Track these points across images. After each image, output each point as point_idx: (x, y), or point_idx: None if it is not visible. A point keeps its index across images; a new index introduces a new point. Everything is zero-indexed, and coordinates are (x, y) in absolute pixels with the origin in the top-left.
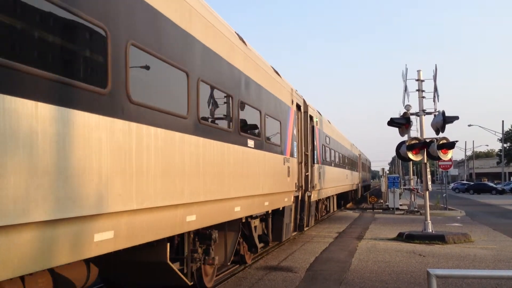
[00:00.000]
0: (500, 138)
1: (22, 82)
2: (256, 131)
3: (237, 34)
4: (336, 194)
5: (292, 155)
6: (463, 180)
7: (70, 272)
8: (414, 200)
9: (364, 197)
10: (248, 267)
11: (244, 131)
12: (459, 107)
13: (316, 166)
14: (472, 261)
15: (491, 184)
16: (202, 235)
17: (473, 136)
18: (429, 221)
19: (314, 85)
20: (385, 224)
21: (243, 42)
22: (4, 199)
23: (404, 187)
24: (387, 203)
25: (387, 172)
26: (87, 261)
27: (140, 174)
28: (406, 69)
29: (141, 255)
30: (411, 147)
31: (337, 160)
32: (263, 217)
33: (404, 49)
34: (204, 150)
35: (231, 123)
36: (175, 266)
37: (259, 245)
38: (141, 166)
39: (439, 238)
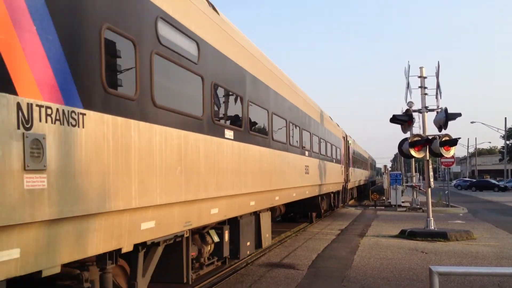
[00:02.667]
0: (502, 135)
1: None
2: (329, 152)
3: (315, 103)
4: (356, 186)
5: (341, 163)
6: (465, 177)
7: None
8: (416, 197)
9: (367, 193)
10: (250, 264)
11: (326, 154)
12: (461, 104)
13: (350, 168)
14: (475, 258)
15: (494, 181)
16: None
17: (476, 133)
18: (431, 218)
19: (314, 82)
20: (387, 221)
21: (324, 113)
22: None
23: (406, 184)
24: (389, 200)
25: (389, 169)
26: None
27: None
28: (409, 66)
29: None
30: (413, 144)
31: (358, 164)
32: (331, 194)
33: (408, 47)
34: (310, 162)
35: (326, 151)
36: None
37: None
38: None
39: (441, 235)
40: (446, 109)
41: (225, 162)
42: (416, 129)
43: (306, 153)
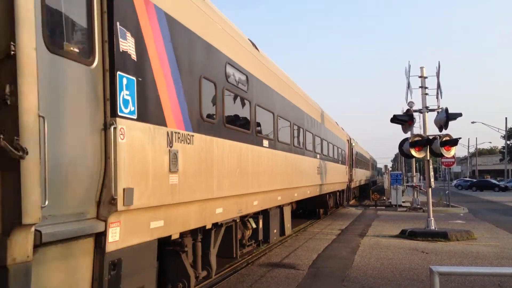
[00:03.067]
0: (503, 135)
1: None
2: (336, 155)
3: (322, 109)
4: (358, 186)
5: (346, 164)
6: (466, 177)
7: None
8: (417, 197)
9: (368, 192)
10: (250, 264)
11: (333, 156)
12: (462, 104)
13: (353, 169)
14: (475, 258)
15: (494, 181)
16: (332, 193)
17: (476, 133)
18: (432, 218)
19: (315, 81)
20: (388, 221)
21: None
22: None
23: (407, 184)
24: (389, 200)
25: (390, 169)
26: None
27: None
28: (409, 66)
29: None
30: (414, 144)
31: (360, 165)
32: (337, 193)
33: (408, 46)
34: (324, 164)
35: (333, 153)
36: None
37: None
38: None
39: (441, 235)
40: (446, 109)
41: (263, 165)
42: (417, 129)
43: (318, 156)
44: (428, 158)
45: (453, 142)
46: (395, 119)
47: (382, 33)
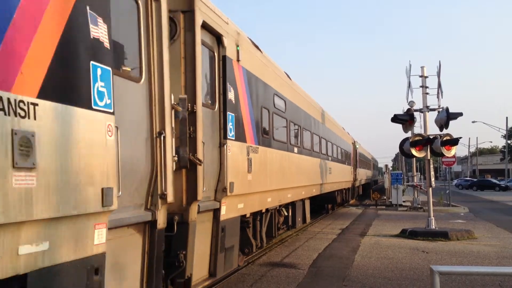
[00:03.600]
0: (504, 135)
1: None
2: (344, 157)
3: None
4: (362, 184)
5: (351, 165)
6: (466, 177)
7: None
8: (417, 196)
9: (368, 192)
10: (251, 264)
11: (341, 158)
12: (463, 103)
13: (357, 169)
14: (476, 258)
15: (495, 181)
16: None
17: (477, 132)
18: (432, 218)
19: (317, 80)
20: (388, 221)
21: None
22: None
23: (407, 183)
24: (390, 200)
25: (390, 168)
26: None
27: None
28: (410, 65)
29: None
30: (414, 144)
31: (363, 165)
32: (343, 190)
33: (407, 46)
34: (334, 166)
35: (341, 156)
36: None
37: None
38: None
39: (442, 235)
40: (447, 109)
41: (293, 167)
42: (417, 128)
43: (329, 158)
44: (429, 158)
45: (454, 141)
46: (395, 119)
47: (384, 31)
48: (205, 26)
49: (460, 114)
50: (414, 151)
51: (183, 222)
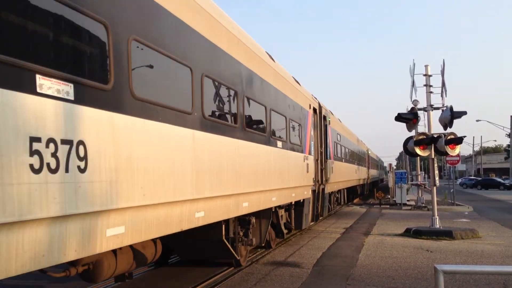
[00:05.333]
0: (508, 133)
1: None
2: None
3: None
4: (371, 181)
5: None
6: (470, 176)
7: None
8: (422, 195)
9: (371, 192)
10: (255, 263)
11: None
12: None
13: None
14: (480, 257)
15: (499, 180)
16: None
17: (481, 131)
18: (437, 217)
19: (319, 79)
20: (392, 220)
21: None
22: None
23: (412, 182)
24: (394, 199)
25: (394, 167)
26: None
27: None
28: (414, 64)
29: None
30: (418, 143)
31: (372, 166)
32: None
33: (412, 44)
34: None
35: (364, 161)
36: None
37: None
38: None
39: (446, 234)
40: (451, 107)
41: (349, 170)
42: (421, 127)
43: (356, 163)
44: (433, 157)
45: (458, 140)
46: (399, 118)
47: (388, 31)
48: (321, 113)
49: (464, 112)
50: (418, 150)
51: (319, 191)
